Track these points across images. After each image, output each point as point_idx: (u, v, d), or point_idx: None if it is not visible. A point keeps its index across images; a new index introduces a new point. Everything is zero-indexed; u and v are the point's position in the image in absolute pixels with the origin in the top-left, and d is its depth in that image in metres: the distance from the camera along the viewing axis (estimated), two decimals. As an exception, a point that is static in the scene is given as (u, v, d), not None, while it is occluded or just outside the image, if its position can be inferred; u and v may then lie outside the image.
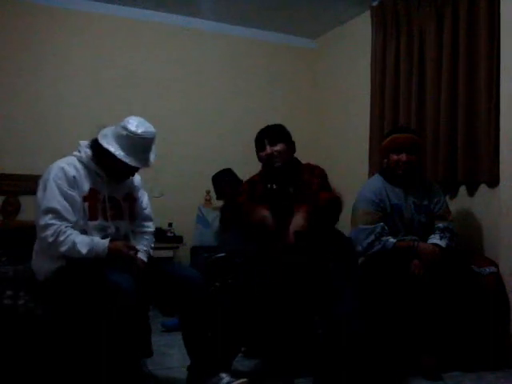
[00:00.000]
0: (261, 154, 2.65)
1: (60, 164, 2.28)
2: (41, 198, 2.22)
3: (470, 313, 2.66)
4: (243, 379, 2.27)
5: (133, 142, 2.24)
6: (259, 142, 2.66)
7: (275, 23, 4.69)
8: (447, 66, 3.38)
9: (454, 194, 3.41)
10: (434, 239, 2.82)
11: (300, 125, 4.89)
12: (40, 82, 4.08)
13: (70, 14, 4.19)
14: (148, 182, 2.91)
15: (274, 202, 2.56)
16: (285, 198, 2.57)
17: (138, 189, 2.55)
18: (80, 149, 2.35)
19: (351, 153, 4.47)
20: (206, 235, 4.07)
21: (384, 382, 2.48)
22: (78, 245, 2.16)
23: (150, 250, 2.53)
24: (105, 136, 2.27)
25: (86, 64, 4.24)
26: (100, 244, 2.21)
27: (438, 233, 2.85)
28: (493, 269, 2.84)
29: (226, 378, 2.26)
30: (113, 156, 2.23)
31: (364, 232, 2.82)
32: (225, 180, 3.78)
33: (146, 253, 2.46)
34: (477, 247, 3.18)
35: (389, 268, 2.68)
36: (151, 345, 2.75)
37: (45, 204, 2.19)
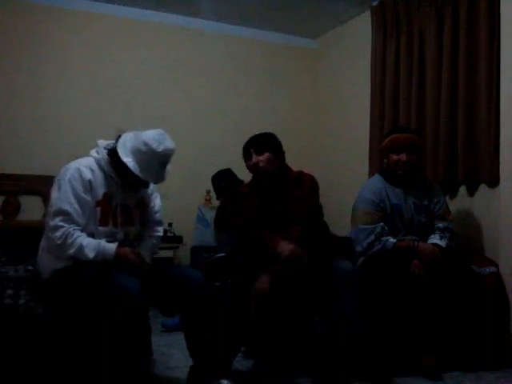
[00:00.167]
0: (248, 164, 2.63)
1: (77, 165, 2.26)
2: (54, 198, 2.22)
3: (470, 313, 2.67)
4: None
5: (151, 159, 2.22)
6: (246, 152, 2.63)
7: (275, 23, 4.69)
8: (447, 66, 3.38)
9: (454, 194, 3.40)
10: (434, 239, 2.81)
11: (300, 124, 4.93)
12: (40, 82, 4.08)
13: (70, 14, 4.19)
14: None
15: (260, 219, 2.54)
16: (271, 215, 2.56)
17: (152, 193, 2.53)
18: (98, 150, 2.32)
19: (351, 153, 4.47)
20: (206, 235, 4.08)
21: (384, 382, 2.48)
22: (86, 249, 2.16)
23: (155, 254, 2.51)
24: (124, 146, 2.24)
25: (86, 64, 4.24)
26: (107, 248, 2.20)
27: (438, 233, 2.85)
28: (493, 269, 2.84)
29: None
30: (129, 169, 2.22)
31: (364, 232, 2.82)
32: (224, 180, 3.78)
33: (151, 256, 2.44)
34: (477, 247, 3.18)
35: (389, 268, 2.68)
36: (151, 345, 2.75)
37: (57, 205, 2.19)
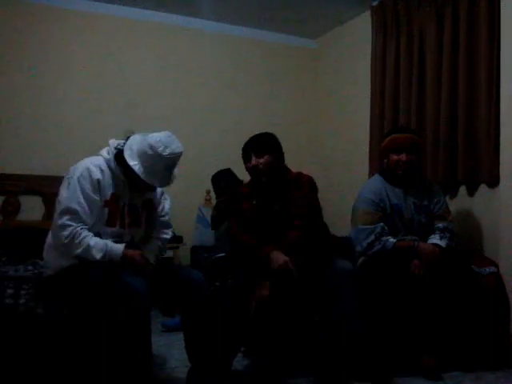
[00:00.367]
0: (247, 165, 2.62)
1: (87, 164, 2.26)
2: (62, 196, 2.22)
3: (470, 313, 2.67)
4: None
5: (157, 162, 2.21)
6: (245, 153, 2.63)
7: (276, 23, 4.68)
8: (447, 66, 3.38)
9: (454, 194, 3.40)
10: (434, 239, 2.81)
11: (300, 124, 4.93)
12: (40, 82, 4.07)
13: (70, 14, 4.19)
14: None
15: (260, 220, 2.54)
16: (270, 216, 2.56)
17: (160, 195, 2.53)
18: (109, 150, 2.32)
19: (351, 153, 4.46)
20: (206, 235, 4.07)
21: (384, 382, 2.48)
22: (93, 249, 2.16)
23: (161, 255, 2.51)
24: (130, 149, 2.24)
25: (86, 64, 4.24)
26: (115, 249, 2.20)
27: (438, 233, 2.85)
28: (493, 269, 2.85)
29: None
30: (135, 172, 2.22)
31: (364, 232, 2.82)
32: (224, 180, 3.78)
33: (155, 257, 2.43)
34: (477, 247, 3.18)
35: (389, 268, 2.68)
36: (151, 345, 2.75)
37: (65, 203, 2.19)
